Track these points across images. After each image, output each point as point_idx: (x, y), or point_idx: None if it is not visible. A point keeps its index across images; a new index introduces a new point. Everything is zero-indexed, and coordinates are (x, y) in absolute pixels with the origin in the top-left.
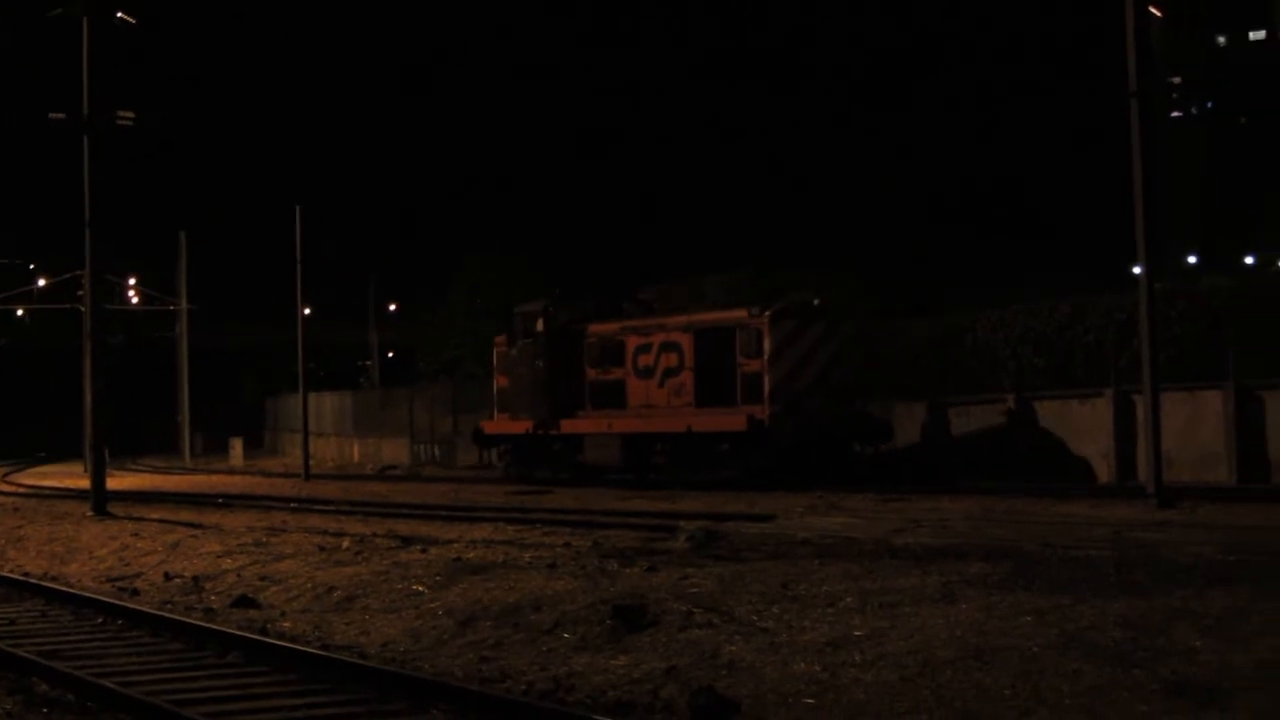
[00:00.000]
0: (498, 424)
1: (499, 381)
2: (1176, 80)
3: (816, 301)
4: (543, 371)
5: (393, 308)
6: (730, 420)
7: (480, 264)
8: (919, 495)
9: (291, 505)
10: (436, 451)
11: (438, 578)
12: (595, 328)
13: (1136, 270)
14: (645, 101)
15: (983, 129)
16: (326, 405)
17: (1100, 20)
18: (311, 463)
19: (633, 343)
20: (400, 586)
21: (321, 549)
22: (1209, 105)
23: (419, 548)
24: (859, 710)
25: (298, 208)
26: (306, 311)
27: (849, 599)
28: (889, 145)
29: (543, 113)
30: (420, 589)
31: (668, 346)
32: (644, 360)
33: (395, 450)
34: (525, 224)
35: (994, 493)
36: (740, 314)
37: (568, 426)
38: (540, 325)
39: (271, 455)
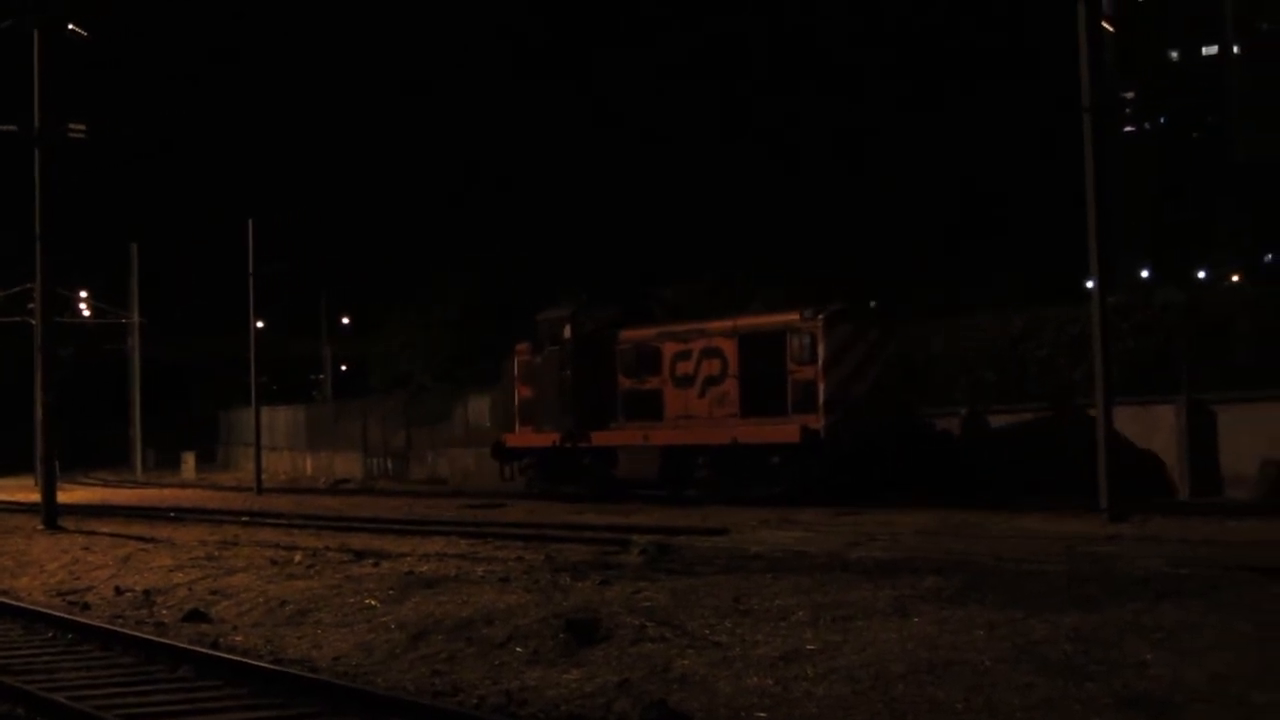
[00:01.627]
0: (520, 437)
1: (521, 392)
2: (1129, 95)
3: (873, 304)
4: (570, 381)
5: (346, 321)
6: (781, 431)
7: (434, 278)
8: (872, 509)
9: (243, 519)
10: (390, 465)
11: (390, 592)
12: (628, 334)
13: (1090, 284)
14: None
15: (944, 136)
16: (279, 419)
17: (1055, 34)
18: (264, 476)
19: (670, 350)
20: (352, 600)
21: (274, 563)
22: (1161, 120)
23: (371, 561)
24: None
25: (250, 221)
26: (259, 325)
27: (801, 613)
28: (848, 152)
29: (495, 129)
30: (372, 603)
31: (709, 353)
32: (683, 368)
33: (348, 464)
34: (479, 236)
35: (948, 506)
36: (791, 317)
37: (599, 439)
38: (567, 332)
39: (224, 469)
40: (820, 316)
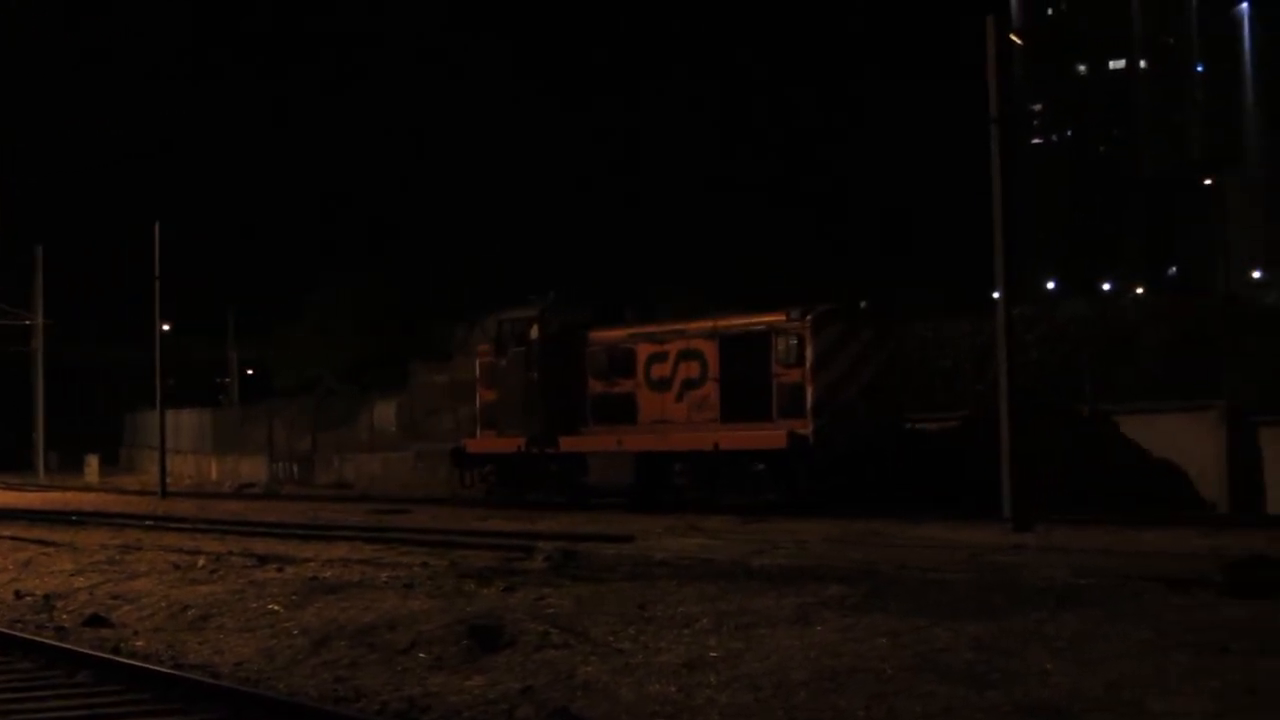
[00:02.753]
0: (482, 442)
1: (483, 395)
2: (1038, 107)
3: (863, 304)
4: (537, 383)
5: (252, 325)
6: (767, 437)
7: (339, 282)
8: (778, 517)
9: (147, 523)
10: (295, 469)
11: (293, 597)
12: (599, 335)
13: (996, 295)
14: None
15: (852, 145)
16: (184, 422)
17: (965, 47)
18: (168, 480)
19: (645, 351)
20: (255, 605)
21: (176, 567)
22: (1069, 133)
23: (275, 566)
24: None
25: (156, 225)
26: (165, 328)
27: (705, 620)
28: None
29: (393, 133)
30: (275, 608)
31: (687, 355)
32: (659, 371)
33: (253, 468)
34: (383, 242)
35: (853, 515)
36: (776, 318)
37: (568, 444)
38: (534, 332)
39: (129, 472)
40: (808, 317)
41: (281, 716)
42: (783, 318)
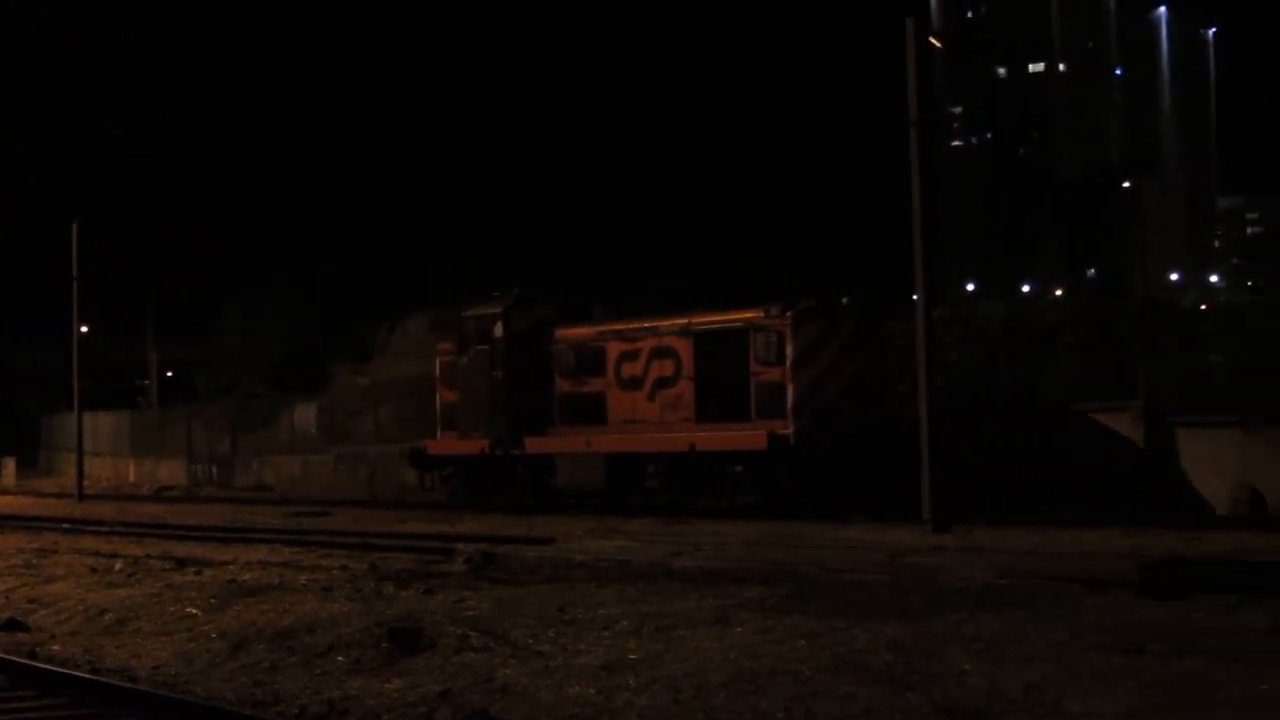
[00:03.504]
0: (443, 443)
1: (444, 395)
2: (958, 110)
3: (845, 300)
4: (502, 383)
5: (172, 327)
6: (746, 437)
7: (258, 284)
8: (699, 519)
9: (64, 526)
10: (214, 472)
11: (212, 600)
12: (566, 333)
13: (915, 296)
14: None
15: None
16: (103, 425)
17: (885, 49)
18: (87, 483)
19: (615, 349)
20: (173, 609)
21: (94, 571)
22: (989, 135)
23: (193, 570)
24: None
25: (74, 225)
26: (84, 330)
27: (625, 622)
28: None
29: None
30: (194, 611)
31: (660, 353)
32: (629, 369)
33: (172, 470)
34: (305, 245)
35: (774, 518)
36: (754, 314)
37: (534, 446)
38: (499, 330)
39: (46, 475)
40: (788, 313)
41: (197, 719)
42: (761, 314)
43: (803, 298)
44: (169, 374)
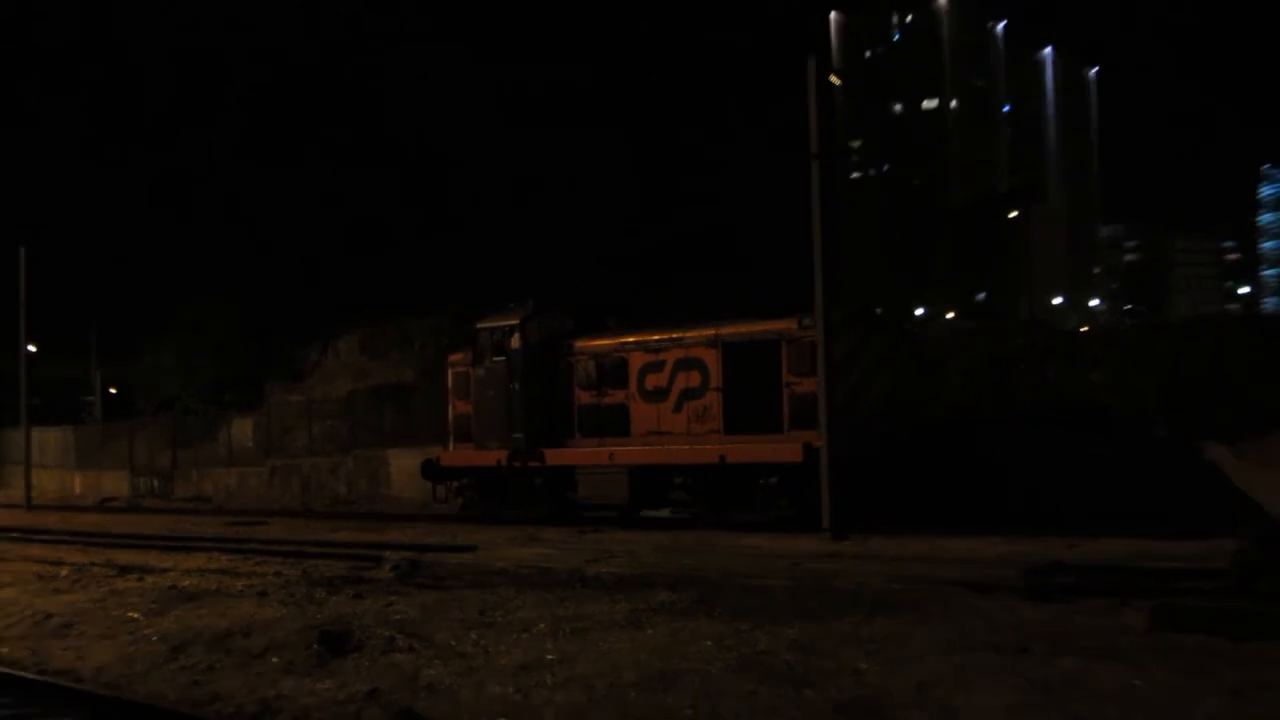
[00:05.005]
0: (457, 455)
1: (457, 407)
2: (857, 143)
3: (879, 310)
4: (520, 394)
5: (115, 346)
6: (780, 449)
7: (196, 306)
8: (613, 528)
9: (12, 535)
10: (156, 484)
11: (153, 605)
12: (586, 344)
13: (815, 317)
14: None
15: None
16: (49, 439)
17: (788, 86)
18: (33, 494)
19: (638, 361)
20: (116, 613)
21: (40, 577)
22: (885, 167)
23: (136, 576)
24: None
25: (22, 250)
26: (32, 349)
27: (542, 625)
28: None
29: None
30: (136, 615)
31: (686, 364)
32: (654, 380)
33: (116, 482)
34: (240, 265)
35: (686, 527)
36: (787, 325)
37: (554, 458)
38: (515, 341)
39: None
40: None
41: (139, 718)
42: (794, 325)
43: (836, 307)
44: (112, 391)
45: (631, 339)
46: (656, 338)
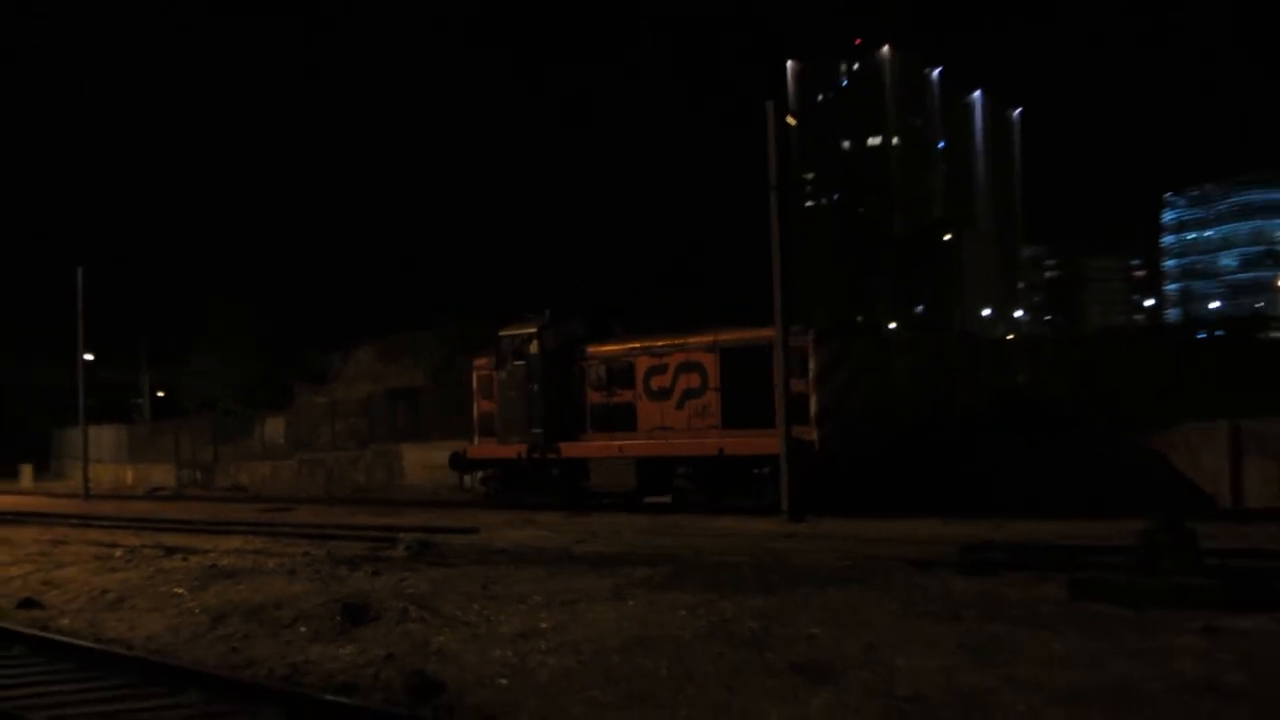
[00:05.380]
0: (482, 448)
1: (481, 406)
2: (810, 176)
3: (860, 319)
4: (538, 394)
5: (162, 352)
6: (772, 443)
7: (232, 317)
8: (599, 512)
9: (73, 521)
10: (199, 475)
11: (195, 582)
12: (597, 350)
13: (775, 331)
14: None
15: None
16: (105, 436)
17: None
18: (91, 485)
19: (644, 364)
20: (163, 589)
21: (97, 558)
22: (835, 197)
23: (180, 556)
24: (543, 689)
25: (79, 270)
26: (89, 357)
27: (537, 597)
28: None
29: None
30: (180, 591)
31: (687, 367)
32: (658, 382)
33: (163, 474)
34: (275, 278)
35: (662, 510)
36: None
37: (569, 450)
38: (534, 347)
39: (57, 479)
40: (810, 332)
41: (185, 681)
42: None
43: (822, 319)
44: (159, 393)
45: (638, 344)
46: (661, 343)
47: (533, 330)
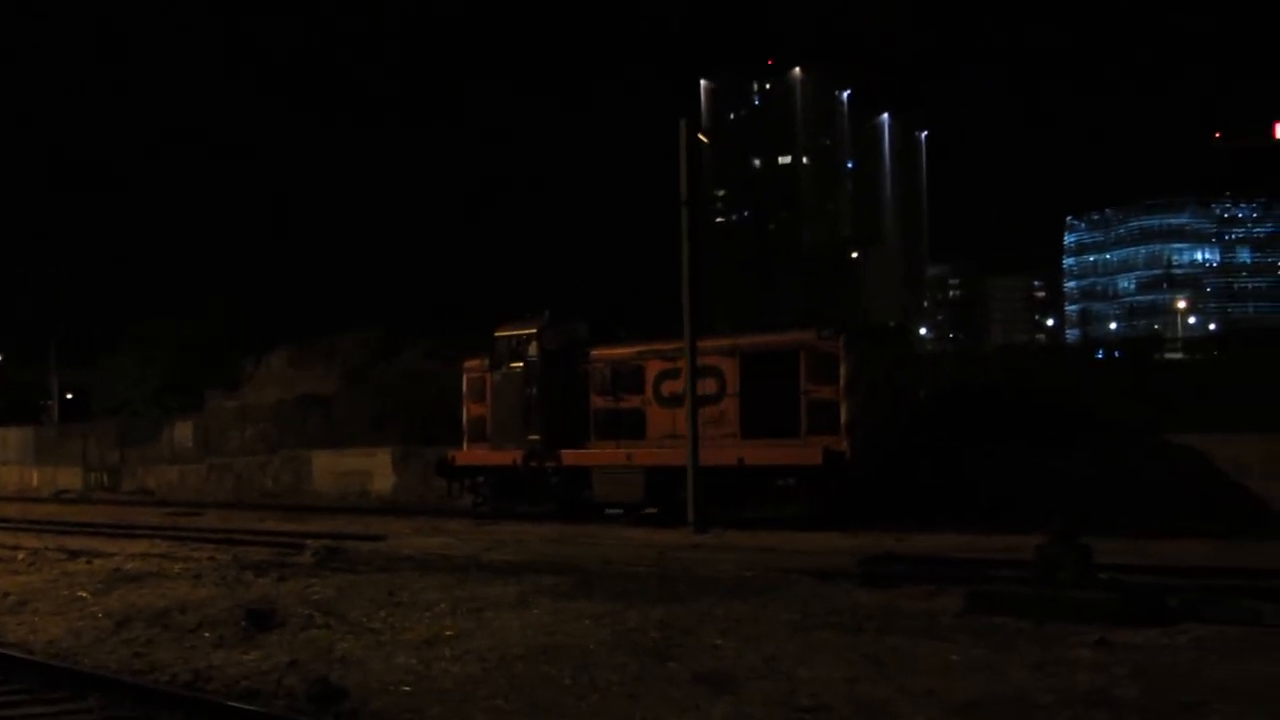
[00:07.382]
0: (472, 454)
1: (472, 409)
2: (721, 193)
3: (892, 323)
4: (537, 398)
5: (72, 354)
6: (800, 453)
7: (145, 321)
8: (507, 520)
9: None
10: (106, 479)
11: (99, 585)
12: (603, 352)
13: (685, 344)
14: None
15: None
16: (11, 437)
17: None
18: None
19: (654, 368)
20: (66, 593)
21: None
22: (746, 213)
23: (85, 559)
24: (447, 695)
25: None
26: None
27: (443, 605)
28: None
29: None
30: (84, 595)
31: (703, 372)
32: (670, 387)
33: (70, 477)
34: (189, 282)
35: (570, 520)
36: (805, 336)
37: (570, 458)
38: (533, 349)
39: None
40: (841, 335)
41: (87, 686)
42: (812, 335)
43: (851, 321)
44: (68, 395)
45: (648, 347)
46: (673, 346)
47: (532, 330)
